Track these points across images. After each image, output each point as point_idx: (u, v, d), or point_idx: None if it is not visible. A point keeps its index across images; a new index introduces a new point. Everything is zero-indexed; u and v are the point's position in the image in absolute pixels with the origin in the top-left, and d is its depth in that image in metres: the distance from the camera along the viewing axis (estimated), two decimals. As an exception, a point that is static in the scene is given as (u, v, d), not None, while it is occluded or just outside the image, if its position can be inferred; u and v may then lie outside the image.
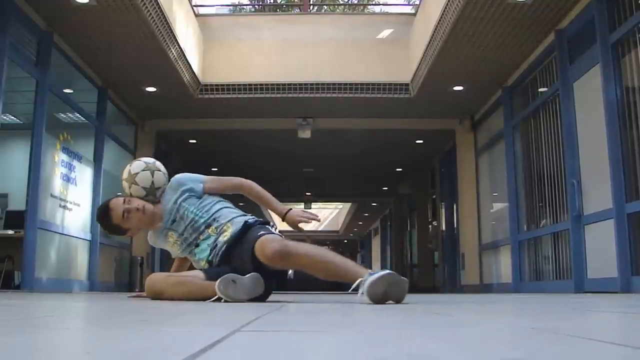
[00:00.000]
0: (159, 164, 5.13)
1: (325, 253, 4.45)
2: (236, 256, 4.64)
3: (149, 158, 5.27)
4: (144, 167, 4.99)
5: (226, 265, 4.60)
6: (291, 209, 4.94)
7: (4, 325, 2.08)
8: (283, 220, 4.91)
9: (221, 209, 4.92)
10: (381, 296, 3.80)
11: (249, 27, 13.48)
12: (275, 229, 4.82)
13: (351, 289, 3.98)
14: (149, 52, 10.63)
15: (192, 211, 4.86)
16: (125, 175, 5.00)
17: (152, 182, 4.94)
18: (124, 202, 4.86)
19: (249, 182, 5.12)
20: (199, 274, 4.63)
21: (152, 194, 4.95)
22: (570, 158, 9.27)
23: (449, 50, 10.54)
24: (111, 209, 4.86)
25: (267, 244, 4.37)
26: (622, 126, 7.92)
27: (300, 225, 4.92)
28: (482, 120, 13.75)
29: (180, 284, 4.54)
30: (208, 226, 4.81)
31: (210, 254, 4.76)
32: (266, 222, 4.85)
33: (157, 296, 4.60)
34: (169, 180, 5.05)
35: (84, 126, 11.86)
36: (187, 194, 4.93)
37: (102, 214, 4.94)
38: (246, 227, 4.72)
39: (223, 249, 4.70)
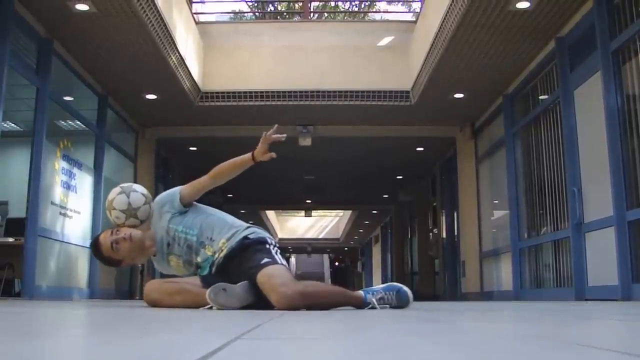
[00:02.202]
0: (136, 185, 5.05)
1: (329, 289, 4.71)
2: (236, 267, 4.61)
3: (127, 183, 5.20)
4: (119, 191, 4.93)
5: (224, 276, 4.56)
6: (254, 149, 4.93)
7: (4, 333, 2.07)
8: (255, 161, 4.91)
9: (208, 221, 4.86)
10: None
11: (250, 34, 13.48)
12: (274, 247, 4.74)
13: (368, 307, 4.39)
14: (149, 60, 10.62)
15: (181, 230, 4.82)
16: (106, 204, 4.96)
17: (129, 203, 4.84)
18: (112, 233, 4.80)
19: (215, 168, 5.00)
20: (196, 279, 4.65)
21: (133, 216, 4.84)
22: (570, 165, 9.24)
23: (449, 57, 10.52)
24: (100, 243, 4.82)
25: (275, 288, 4.21)
26: (623, 134, 7.89)
27: (274, 139, 4.96)
28: (483, 127, 13.72)
29: (176, 293, 4.55)
30: (203, 246, 4.77)
31: (210, 270, 4.76)
32: (263, 241, 4.74)
33: (155, 304, 4.63)
34: (151, 200, 4.98)
35: (84, 133, 11.84)
36: (169, 214, 4.87)
37: (94, 249, 4.92)
38: (243, 245, 4.69)
39: (221, 261, 4.69)
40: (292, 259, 55.36)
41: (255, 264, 4.44)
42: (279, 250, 4.73)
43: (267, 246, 4.69)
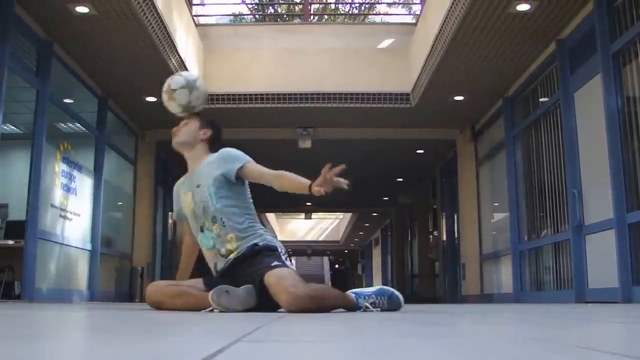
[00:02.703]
0: (200, 82, 5.16)
1: (332, 291, 4.62)
2: (243, 272, 4.57)
3: (191, 74, 5.36)
4: (183, 84, 5.06)
5: (229, 278, 4.54)
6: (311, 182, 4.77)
7: (4, 335, 2.07)
8: (310, 192, 4.80)
9: (234, 205, 4.78)
10: None
11: (250, 36, 13.48)
12: (284, 255, 4.72)
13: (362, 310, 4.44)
14: (149, 62, 10.60)
15: (210, 192, 4.76)
16: (165, 87, 5.12)
17: (189, 101, 5.04)
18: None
19: (282, 173, 4.91)
20: (198, 282, 4.65)
21: (189, 110, 5.10)
22: (571, 168, 9.24)
23: (449, 60, 10.52)
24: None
25: (285, 290, 4.16)
26: (623, 136, 7.89)
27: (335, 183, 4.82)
28: (483, 130, 13.72)
29: (178, 295, 4.55)
30: (214, 220, 4.71)
31: (211, 248, 4.74)
32: (274, 248, 4.70)
33: (157, 306, 4.62)
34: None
35: (84, 136, 11.83)
36: (219, 172, 4.79)
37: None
38: (254, 251, 4.64)
39: (227, 265, 4.67)
40: (293, 262, 55.35)
41: (264, 266, 4.41)
42: (288, 258, 4.72)
43: (277, 253, 4.66)
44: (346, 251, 49.96)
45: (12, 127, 11.91)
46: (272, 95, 12.67)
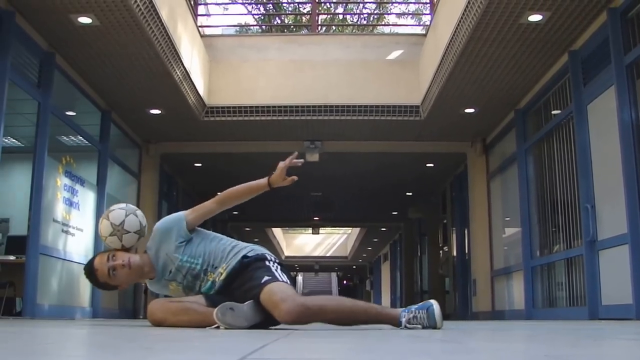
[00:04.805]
0: (139, 211, 4.91)
1: (346, 302, 4.36)
2: (240, 285, 4.52)
3: (142, 216, 4.98)
4: (137, 228, 4.78)
5: (228, 295, 4.48)
6: (270, 174, 4.82)
7: (5, 354, 2.05)
8: (271, 187, 4.81)
9: (212, 247, 4.74)
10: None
11: (256, 48, 13.40)
12: (274, 263, 4.64)
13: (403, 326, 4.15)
14: (154, 74, 10.54)
15: (185, 260, 4.67)
16: (115, 220, 4.76)
17: (130, 245, 4.77)
18: (108, 259, 4.64)
19: (224, 192, 4.86)
20: (200, 299, 4.54)
21: (118, 235, 4.70)
22: (584, 182, 9.15)
23: (460, 71, 10.45)
24: (96, 269, 4.67)
25: (280, 303, 4.13)
26: (638, 149, 7.80)
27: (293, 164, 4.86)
28: (494, 143, 13.66)
29: (182, 312, 4.44)
30: (206, 272, 4.67)
31: (212, 285, 4.66)
32: (262, 258, 4.64)
33: (159, 324, 4.51)
34: (144, 232, 4.85)
35: (86, 149, 11.79)
36: (175, 242, 4.70)
37: (88, 274, 4.75)
38: (242, 264, 4.58)
39: (222, 284, 4.60)
40: (299, 278, 55.29)
41: (257, 284, 4.34)
42: (279, 267, 4.60)
43: (267, 263, 4.59)
44: (354, 267, 49.95)
45: (13, 140, 11.94)
46: (279, 108, 12.58)
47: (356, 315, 4.28)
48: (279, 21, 25.83)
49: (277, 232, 36.44)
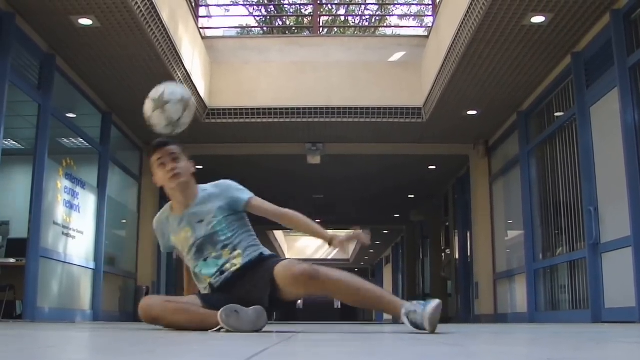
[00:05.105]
0: (193, 102, 4.96)
1: (356, 279, 4.33)
2: (243, 284, 4.50)
3: (186, 89, 5.02)
4: (179, 98, 4.76)
5: (227, 294, 4.46)
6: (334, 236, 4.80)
7: (5, 356, 2.06)
8: (329, 245, 4.75)
9: (244, 234, 4.77)
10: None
11: (257, 49, 13.36)
12: None
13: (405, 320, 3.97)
14: (154, 75, 10.46)
15: (220, 225, 4.67)
16: (154, 94, 4.79)
17: (180, 119, 4.74)
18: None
19: (292, 212, 4.89)
20: (195, 300, 4.50)
21: (173, 130, 4.77)
22: (587, 184, 9.11)
23: (462, 73, 10.41)
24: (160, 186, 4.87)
25: (294, 264, 4.27)
26: (642, 151, 7.76)
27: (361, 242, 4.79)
28: (497, 145, 13.63)
29: (181, 311, 4.39)
30: (224, 247, 4.63)
31: (215, 274, 4.60)
32: (279, 257, 4.69)
33: (154, 321, 4.44)
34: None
35: (87, 152, 11.77)
36: (224, 204, 4.75)
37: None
38: (261, 258, 4.61)
39: (229, 276, 4.55)
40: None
41: (273, 263, 4.42)
42: None
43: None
44: (356, 270, 49.70)
45: (14, 143, 11.93)
46: (280, 110, 12.55)
47: (368, 297, 4.29)
48: (281, 23, 25.78)
49: (279, 234, 36.41)
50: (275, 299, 4.33)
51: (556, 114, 10.63)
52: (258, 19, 27.23)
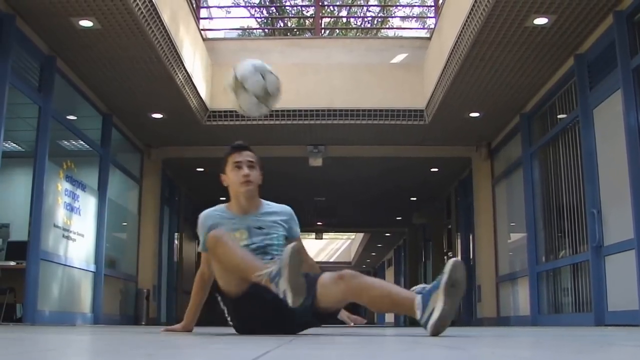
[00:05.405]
0: (269, 67, 4.87)
1: (378, 288, 4.27)
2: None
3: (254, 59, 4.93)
4: (250, 69, 4.81)
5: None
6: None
7: (5, 359, 2.05)
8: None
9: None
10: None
11: (258, 51, 13.32)
12: None
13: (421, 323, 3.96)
14: (155, 77, 10.49)
15: (278, 239, 4.79)
16: (229, 81, 4.84)
17: (264, 87, 4.70)
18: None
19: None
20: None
21: (268, 101, 4.78)
22: (590, 187, 9.08)
23: (465, 75, 10.39)
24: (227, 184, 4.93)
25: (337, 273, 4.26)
26: (644, 154, 7.74)
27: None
28: (500, 147, 13.60)
29: (243, 251, 4.38)
30: (265, 253, 4.64)
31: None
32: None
33: (217, 242, 4.33)
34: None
35: (88, 154, 11.75)
36: (285, 229, 4.89)
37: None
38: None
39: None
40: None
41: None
42: None
43: None
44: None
45: (14, 145, 11.93)
46: (282, 112, 12.51)
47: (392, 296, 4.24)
48: (282, 24, 25.77)
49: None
50: (316, 311, 4.29)
51: (559, 116, 10.60)
52: (259, 20, 27.26)
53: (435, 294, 4.00)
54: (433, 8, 14.98)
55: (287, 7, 25.27)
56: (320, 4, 15.62)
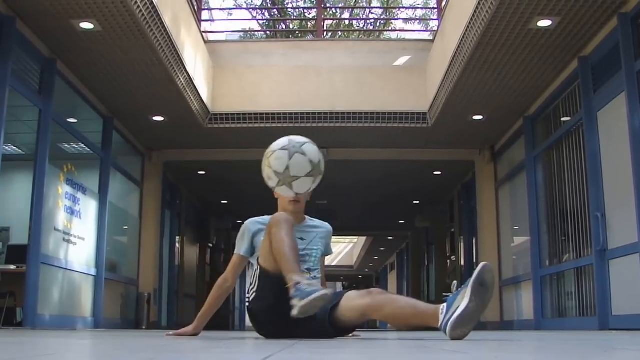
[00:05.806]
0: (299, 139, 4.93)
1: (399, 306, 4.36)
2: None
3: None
4: (283, 152, 4.83)
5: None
6: None
7: None
8: None
9: (317, 272, 5.06)
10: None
11: (260, 53, 13.33)
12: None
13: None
14: (156, 80, 10.47)
15: (317, 251, 5.09)
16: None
17: (287, 167, 4.70)
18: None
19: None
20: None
21: (319, 170, 4.86)
22: (594, 190, 9.06)
23: (468, 78, 10.37)
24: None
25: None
26: (649, 156, 7.71)
27: None
28: (503, 150, 13.59)
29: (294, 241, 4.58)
30: (308, 270, 4.88)
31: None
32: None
33: (279, 221, 4.60)
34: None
35: (88, 157, 11.75)
36: (323, 244, 5.21)
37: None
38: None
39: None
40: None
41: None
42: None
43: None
44: (360, 276, 49.85)
45: (14, 148, 11.92)
46: (284, 115, 12.51)
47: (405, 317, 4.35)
48: (284, 27, 25.73)
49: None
50: (334, 321, 4.42)
51: (563, 119, 10.57)
52: (261, 22, 27.23)
53: (462, 293, 4.02)
54: (436, 10, 14.93)
55: (289, 10, 25.25)
56: (323, 6, 15.56)
